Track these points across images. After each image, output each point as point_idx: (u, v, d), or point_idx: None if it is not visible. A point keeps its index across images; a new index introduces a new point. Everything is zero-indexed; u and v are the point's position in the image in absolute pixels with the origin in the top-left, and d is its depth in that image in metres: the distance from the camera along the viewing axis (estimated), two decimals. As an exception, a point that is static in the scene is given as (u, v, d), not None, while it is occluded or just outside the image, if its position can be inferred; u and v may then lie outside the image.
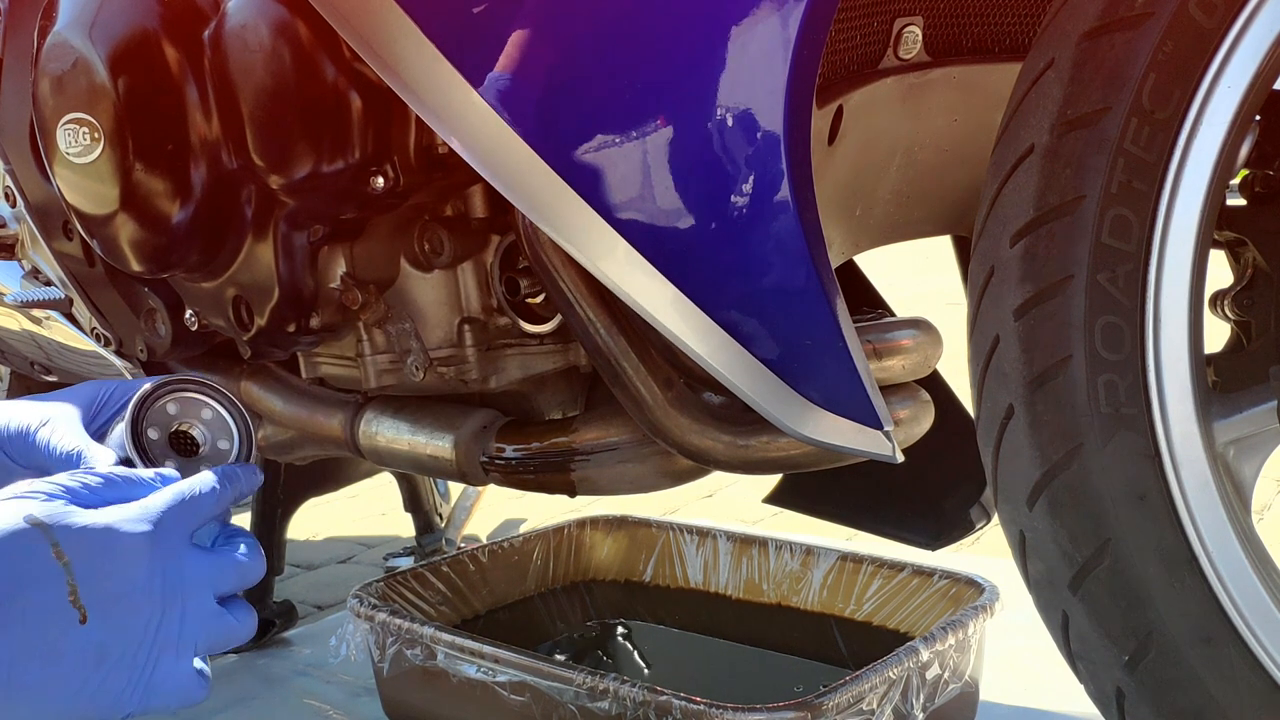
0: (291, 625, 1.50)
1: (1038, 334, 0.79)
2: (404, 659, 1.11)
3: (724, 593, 1.34)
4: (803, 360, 0.82)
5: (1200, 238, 0.77)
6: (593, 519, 1.41)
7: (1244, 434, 0.82)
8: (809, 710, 0.92)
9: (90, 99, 0.95)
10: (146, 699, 0.67)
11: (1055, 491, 0.79)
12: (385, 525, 2.11)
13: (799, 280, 0.79)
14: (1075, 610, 0.81)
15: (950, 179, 1.01)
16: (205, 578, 0.69)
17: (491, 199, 0.96)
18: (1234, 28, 0.75)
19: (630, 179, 0.78)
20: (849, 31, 0.90)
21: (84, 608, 0.64)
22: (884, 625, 1.23)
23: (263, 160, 0.91)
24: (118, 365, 1.22)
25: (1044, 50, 0.79)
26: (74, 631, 0.64)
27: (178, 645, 0.68)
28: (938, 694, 1.02)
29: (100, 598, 0.64)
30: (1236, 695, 0.79)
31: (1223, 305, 1.04)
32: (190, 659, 0.69)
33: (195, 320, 1.08)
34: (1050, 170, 0.78)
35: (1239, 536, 0.79)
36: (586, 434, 0.96)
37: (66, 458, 0.82)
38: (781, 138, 0.75)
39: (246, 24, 0.89)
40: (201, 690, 0.70)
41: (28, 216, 1.18)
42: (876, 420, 0.84)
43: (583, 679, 0.98)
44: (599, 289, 0.86)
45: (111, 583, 0.65)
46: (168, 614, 0.67)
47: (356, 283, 0.97)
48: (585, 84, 0.77)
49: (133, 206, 0.97)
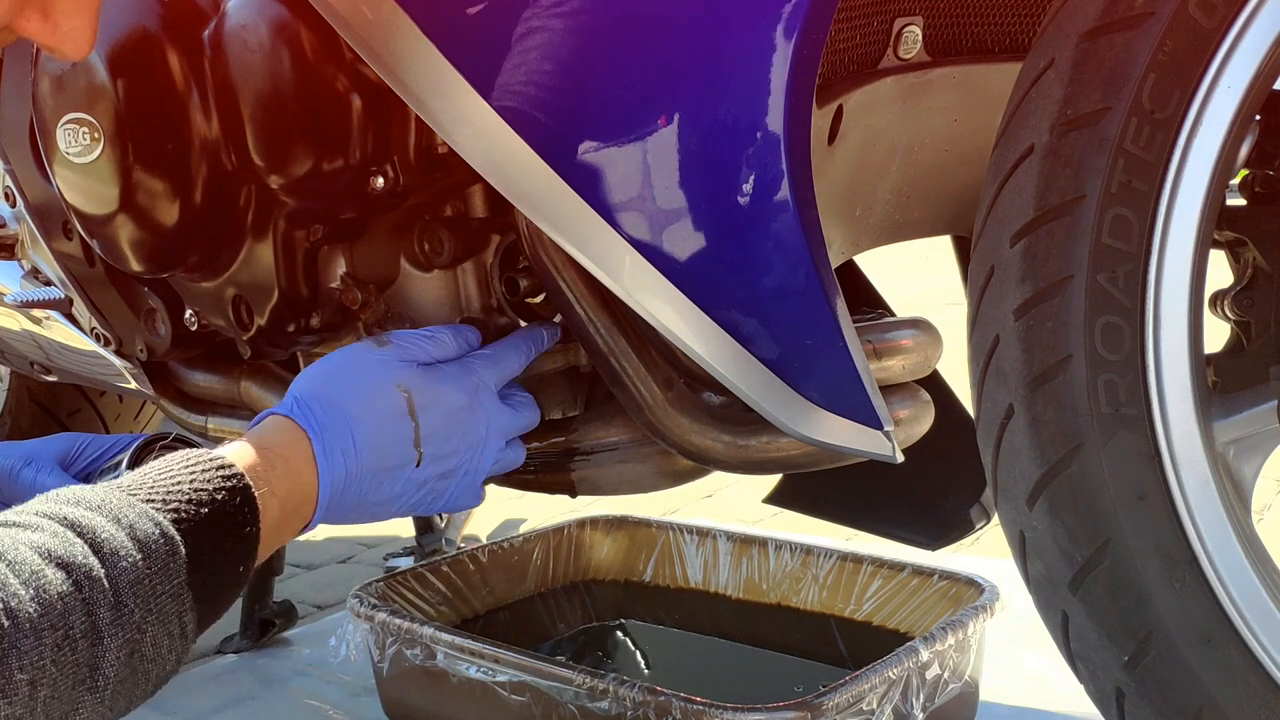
0: (291, 625, 1.50)
1: (1038, 334, 0.79)
2: (404, 659, 1.11)
3: (724, 593, 1.34)
4: (803, 360, 0.82)
5: (1200, 238, 0.77)
6: (593, 519, 1.41)
7: (1244, 434, 0.82)
8: (809, 710, 0.92)
9: (90, 99, 0.95)
10: (448, 503, 0.91)
11: (1055, 491, 0.79)
12: (385, 525, 2.11)
13: (799, 280, 0.79)
14: (1075, 610, 0.81)
15: (950, 179, 1.01)
16: (504, 425, 0.91)
17: (491, 199, 0.96)
18: (1234, 28, 0.75)
19: (630, 179, 0.78)
20: (849, 31, 0.90)
21: (422, 450, 0.86)
22: (884, 625, 1.23)
23: (263, 160, 0.91)
24: (118, 365, 1.22)
25: (1044, 50, 0.79)
26: (414, 466, 0.86)
27: (477, 473, 0.90)
28: (938, 694, 1.02)
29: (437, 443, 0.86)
30: (1236, 695, 0.79)
31: (1223, 305, 1.04)
32: (480, 481, 0.91)
33: (195, 320, 1.08)
34: (1050, 170, 0.78)
35: (1239, 536, 0.79)
36: (586, 434, 0.96)
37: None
38: (781, 138, 0.75)
39: (246, 24, 0.89)
40: (481, 498, 0.93)
41: (28, 216, 1.18)
42: (876, 420, 0.84)
43: (583, 679, 0.98)
44: (599, 289, 0.86)
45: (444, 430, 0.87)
46: (478, 453, 0.90)
47: (356, 282, 0.97)
48: (585, 84, 0.77)
49: (133, 206, 0.97)
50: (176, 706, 1.31)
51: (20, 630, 0.57)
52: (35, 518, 0.64)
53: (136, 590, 0.63)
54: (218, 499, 0.70)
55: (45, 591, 0.59)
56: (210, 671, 1.41)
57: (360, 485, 0.83)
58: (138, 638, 0.63)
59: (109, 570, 0.62)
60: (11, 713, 0.57)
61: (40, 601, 0.59)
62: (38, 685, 0.58)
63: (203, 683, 1.38)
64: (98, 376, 1.35)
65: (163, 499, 0.68)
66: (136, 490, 0.68)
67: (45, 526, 0.63)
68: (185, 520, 0.67)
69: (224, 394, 1.17)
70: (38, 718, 0.58)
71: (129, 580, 0.63)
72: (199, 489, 0.70)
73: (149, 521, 0.66)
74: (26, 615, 0.58)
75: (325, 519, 0.83)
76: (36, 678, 0.58)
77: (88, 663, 0.61)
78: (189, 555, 0.66)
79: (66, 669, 0.59)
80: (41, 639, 0.58)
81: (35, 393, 1.93)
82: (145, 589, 0.64)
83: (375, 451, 0.83)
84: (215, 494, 0.70)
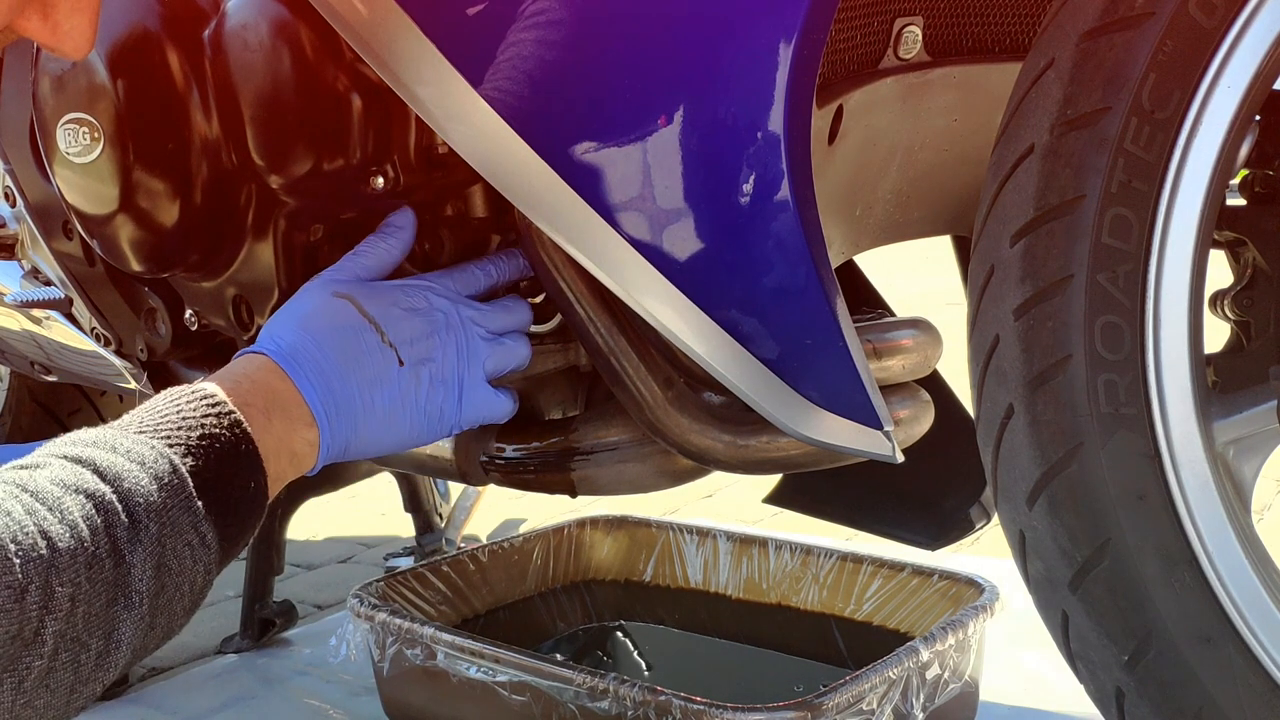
0: (291, 625, 1.50)
1: (1038, 334, 0.79)
2: (404, 659, 1.11)
3: (724, 593, 1.34)
4: (803, 360, 0.82)
5: (1200, 238, 0.77)
6: (593, 519, 1.41)
7: (1244, 434, 0.82)
8: (809, 710, 0.92)
9: (90, 99, 0.95)
10: (463, 412, 0.89)
11: (1055, 491, 0.79)
12: (385, 525, 2.11)
13: (799, 280, 0.79)
14: (1075, 610, 0.81)
15: (950, 179, 1.01)
16: (480, 317, 0.90)
17: (491, 199, 0.96)
18: (1234, 28, 0.76)
19: (630, 179, 0.78)
20: (849, 31, 0.90)
21: (395, 347, 0.85)
22: (884, 625, 1.23)
23: (263, 160, 0.91)
24: (118, 365, 1.22)
25: (1044, 50, 0.79)
26: (397, 368, 0.85)
27: (469, 364, 0.89)
28: (938, 694, 1.02)
29: (405, 337, 0.86)
30: (1236, 695, 0.79)
31: (1223, 305, 1.04)
32: (483, 378, 0.90)
33: (195, 320, 1.08)
34: (1050, 170, 0.78)
35: (1239, 536, 0.79)
36: (586, 434, 0.96)
37: None
38: (781, 138, 0.75)
39: (246, 24, 0.89)
40: (506, 404, 0.92)
41: (28, 216, 1.18)
42: (876, 420, 0.83)
43: (583, 679, 0.98)
44: (599, 289, 0.86)
45: (408, 325, 0.86)
46: (457, 342, 0.88)
47: (356, 282, 0.97)
48: (585, 84, 0.77)
49: (133, 206, 0.97)
50: (176, 706, 1.31)
51: (56, 550, 0.62)
52: (42, 458, 0.69)
53: (146, 507, 0.67)
54: (205, 423, 0.74)
55: (69, 514, 0.64)
56: (210, 671, 1.41)
57: (349, 394, 0.83)
58: (159, 550, 0.67)
59: (116, 490, 0.67)
60: (58, 629, 0.62)
61: (67, 524, 0.63)
62: (77, 602, 0.62)
63: (203, 682, 1.38)
64: (98, 376, 1.35)
65: (153, 428, 0.73)
66: (127, 427, 0.73)
67: (53, 463, 0.68)
68: (178, 444, 0.72)
69: (224, 394, 1.17)
70: (80, 634, 0.63)
71: (138, 499, 0.67)
72: (186, 417, 0.74)
73: (144, 447, 0.70)
74: (59, 535, 0.63)
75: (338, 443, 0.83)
76: (75, 594, 0.62)
77: (116, 581, 0.65)
78: (191, 474, 0.71)
79: (99, 586, 0.64)
80: (75, 558, 0.63)
81: (35, 393, 1.93)
82: (154, 505, 0.68)
83: (343, 356, 0.84)
84: (202, 420, 0.74)
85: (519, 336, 0.93)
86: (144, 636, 0.67)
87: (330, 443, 0.83)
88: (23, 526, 0.62)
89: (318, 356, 0.83)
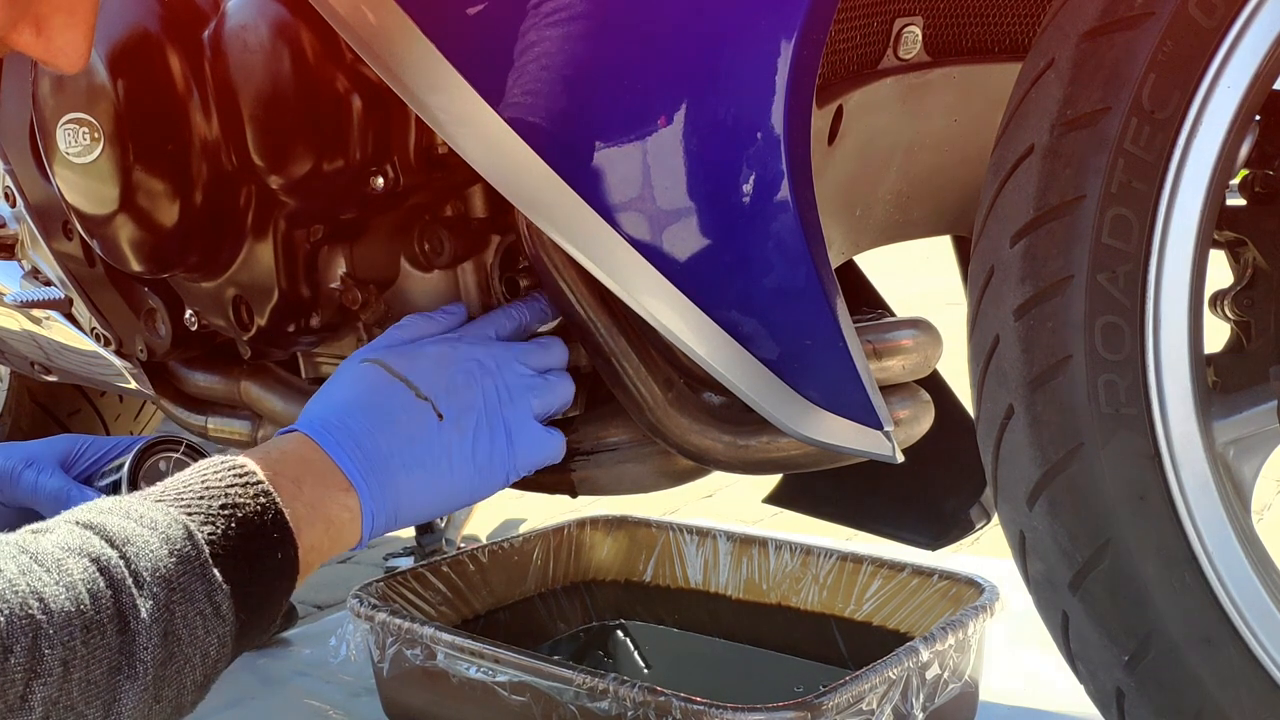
0: (291, 625, 1.50)
1: (1038, 334, 0.79)
2: (404, 659, 1.11)
3: (724, 593, 1.33)
4: (803, 360, 0.82)
5: (1200, 238, 0.77)
6: (593, 519, 1.40)
7: (1244, 434, 0.82)
8: (809, 710, 0.92)
9: (90, 99, 0.95)
10: (516, 456, 0.86)
11: (1055, 491, 0.79)
12: (385, 525, 2.11)
13: (799, 280, 0.79)
14: (1075, 610, 0.81)
15: (950, 179, 1.01)
16: (516, 356, 0.88)
17: (491, 199, 0.96)
18: (1234, 28, 0.75)
19: (630, 179, 0.78)
20: (849, 31, 0.90)
21: (431, 400, 0.83)
22: (884, 625, 1.23)
23: (263, 160, 0.91)
24: (118, 365, 1.22)
25: (1044, 50, 0.79)
26: (436, 423, 0.83)
27: (514, 405, 0.86)
28: (938, 694, 1.02)
29: (440, 389, 0.84)
30: (1236, 695, 0.79)
31: (1223, 305, 1.04)
32: (530, 417, 0.87)
33: (195, 320, 1.08)
34: (1050, 170, 0.78)
35: (1239, 536, 0.79)
36: (587, 434, 0.96)
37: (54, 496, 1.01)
38: (781, 138, 0.75)
39: (246, 24, 0.89)
40: (556, 444, 0.90)
41: (28, 216, 1.18)
42: (876, 420, 0.84)
43: (583, 679, 0.98)
44: (599, 289, 0.86)
45: (442, 376, 0.85)
46: (496, 385, 0.86)
47: (356, 282, 0.97)
48: (586, 84, 0.77)
49: (133, 206, 0.97)
50: (176, 706, 1.31)
51: (49, 612, 0.59)
52: (55, 523, 0.66)
53: (154, 573, 0.65)
54: (230, 492, 0.72)
55: (68, 576, 0.61)
56: (210, 671, 1.41)
57: (383, 453, 0.81)
58: (167, 617, 0.64)
59: (123, 555, 0.64)
60: (48, 694, 0.58)
61: (64, 585, 0.61)
62: (71, 667, 0.59)
63: (203, 683, 1.38)
64: (98, 376, 1.35)
65: (174, 497, 0.70)
66: (148, 495, 0.71)
67: (62, 528, 0.65)
68: (198, 512, 0.69)
69: (224, 394, 1.17)
70: (74, 702, 0.60)
71: (146, 564, 0.65)
72: (210, 486, 0.72)
73: (159, 513, 0.68)
74: (53, 597, 0.60)
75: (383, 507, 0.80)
76: (69, 658, 0.59)
77: (119, 648, 0.62)
78: (209, 541, 0.68)
79: (99, 652, 0.61)
80: (70, 621, 0.60)
81: (35, 393, 1.93)
82: (164, 571, 0.65)
83: (373, 416, 0.82)
84: (227, 489, 0.72)
85: (561, 374, 0.91)
86: (148, 709, 0.64)
87: (374, 508, 0.80)
88: (14, 586, 0.59)
89: (347, 420, 0.82)
